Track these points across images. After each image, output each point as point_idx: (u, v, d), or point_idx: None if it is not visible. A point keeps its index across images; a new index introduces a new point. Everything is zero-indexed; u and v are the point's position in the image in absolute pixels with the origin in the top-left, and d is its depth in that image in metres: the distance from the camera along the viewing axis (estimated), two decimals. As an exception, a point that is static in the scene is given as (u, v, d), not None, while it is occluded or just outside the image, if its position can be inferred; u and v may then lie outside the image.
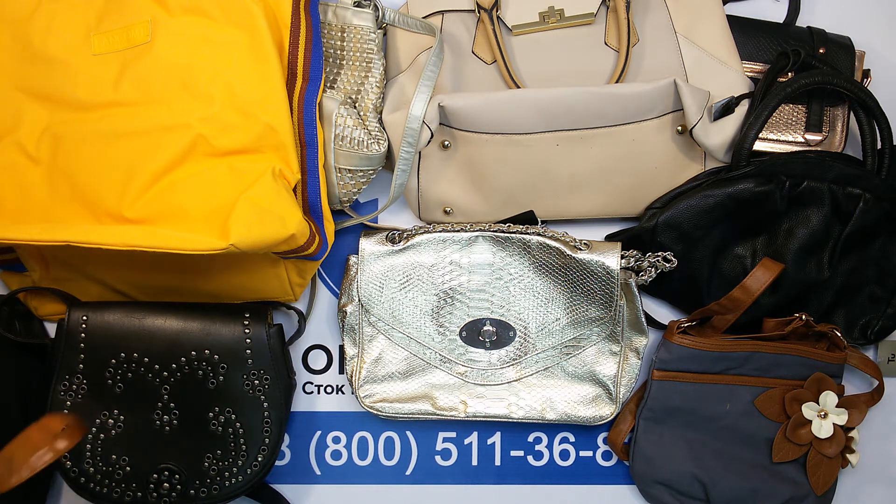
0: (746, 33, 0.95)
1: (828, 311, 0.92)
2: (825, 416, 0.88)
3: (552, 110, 0.85)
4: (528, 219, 0.91)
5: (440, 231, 0.90)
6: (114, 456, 0.85)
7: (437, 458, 0.95)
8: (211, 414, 0.86)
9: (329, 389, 0.96)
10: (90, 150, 0.82)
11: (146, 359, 0.85)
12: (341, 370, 0.96)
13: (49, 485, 0.93)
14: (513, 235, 0.89)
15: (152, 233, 0.78)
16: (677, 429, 0.90)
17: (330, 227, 0.88)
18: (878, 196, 0.87)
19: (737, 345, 0.88)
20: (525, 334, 0.90)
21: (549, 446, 0.95)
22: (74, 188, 0.85)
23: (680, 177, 0.91)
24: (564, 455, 0.95)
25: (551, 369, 0.91)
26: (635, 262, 0.90)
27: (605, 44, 0.93)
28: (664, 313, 0.96)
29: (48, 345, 0.89)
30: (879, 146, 0.90)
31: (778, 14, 0.99)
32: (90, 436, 0.85)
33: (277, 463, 0.95)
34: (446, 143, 0.89)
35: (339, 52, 0.90)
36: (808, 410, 0.88)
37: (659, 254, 0.89)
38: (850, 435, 0.89)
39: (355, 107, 0.89)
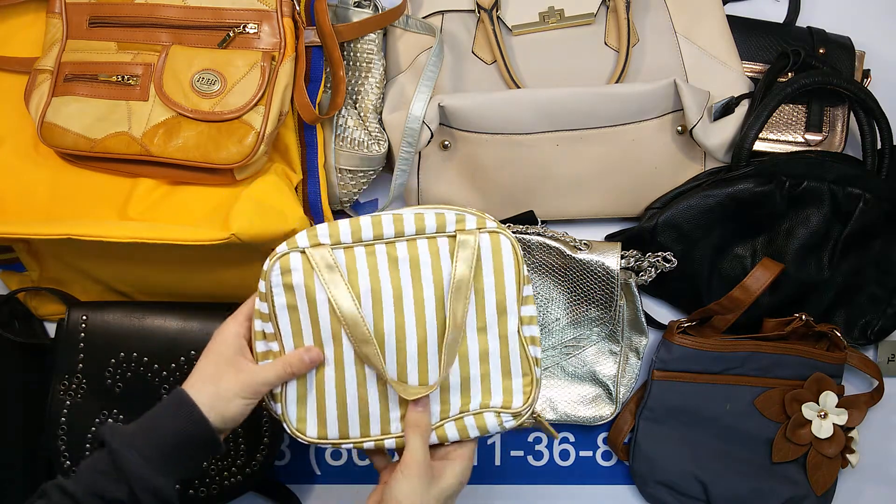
0: (746, 33, 0.95)
1: (828, 311, 0.92)
2: (825, 416, 0.88)
3: (552, 110, 0.85)
4: (528, 219, 0.91)
5: (440, 231, 0.90)
6: (113, 456, 0.85)
7: (437, 459, 0.95)
8: (211, 414, 0.86)
9: (329, 389, 0.96)
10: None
11: (146, 358, 0.85)
12: (341, 370, 0.96)
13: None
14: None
15: (154, 226, 0.78)
16: (677, 429, 0.90)
17: (330, 226, 0.88)
18: (878, 196, 0.87)
19: (737, 345, 0.88)
20: (525, 334, 0.90)
21: (549, 446, 0.95)
22: (79, 189, 0.85)
23: (680, 177, 0.91)
24: (564, 455, 0.95)
25: (551, 369, 0.91)
26: (635, 262, 0.90)
27: (605, 44, 0.93)
28: (664, 313, 0.96)
29: (48, 345, 0.89)
30: (879, 146, 0.90)
31: (778, 14, 0.99)
32: (89, 436, 0.85)
33: (277, 463, 0.94)
34: (446, 143, 0.89)
35: (339, 52, 0.90)
36: (808, 410, 0.88)
37: (659, 254, 0.89)
38: (850, 435, 0.89)
39: (355, 107, 0.89)
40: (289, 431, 0.69)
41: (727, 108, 0.89)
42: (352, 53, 0.90)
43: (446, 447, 0.71)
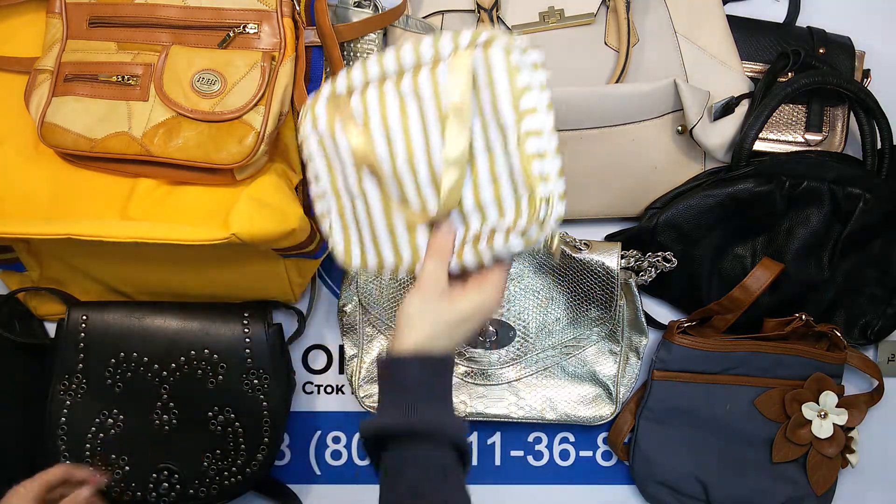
0: (746, 33, 0.95)
1: (828, 311, 0.92)
2: (825, 416, 0.88)
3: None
4: (528, 219, 0.91)
5: (440, 231, 0.90)
6: (113, 456, 0.85)
7: (437, 458, 0.95)
8: (210, 413, 0.86)
9: (329, 389, 0.96)
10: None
11: (145, 358, 0.85)
12: (341, 370, 0.96)
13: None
14: (513, 235, 0.89)
15: (154, 225, 0.78)
16: (677, 429, 0.90)
17: (330, 226, 0.88)
18: (878, 196, 0.87)
19: (737, 345, 0.88)
20: (525, 334, 0.90)
21: (549, 446, 0.95)
22: (79, 189, 0.85)
23: (680, 177, 0.91)
24: (564, 455, 0.95)
25: (551, 369, 0.91)
26: (635, 262, 0.90)
27: (605, 44, 0.93)
28: (664, 313, 0.96)
29: (48, 345, 0.89)
30: (879, 146, 0.90)
31: (778, 14, 0.99)
32: (89, 435, 0.85)
33: (277, 463, 0.94)
34: (446, 142, 0.89)
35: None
36: (808, 410, 0.88)
37: (659, 254, 0.89)
38: (850, 435, 0.89)
39: (355, 107, 0.89)
40: (339, 263, 0.73)
41: (727, 108, 0.89)
42: (352, 53, 0.90)
43: (473, 277, 0.68)
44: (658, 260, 0.89)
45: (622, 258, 0.89)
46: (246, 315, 0.87)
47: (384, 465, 0.62)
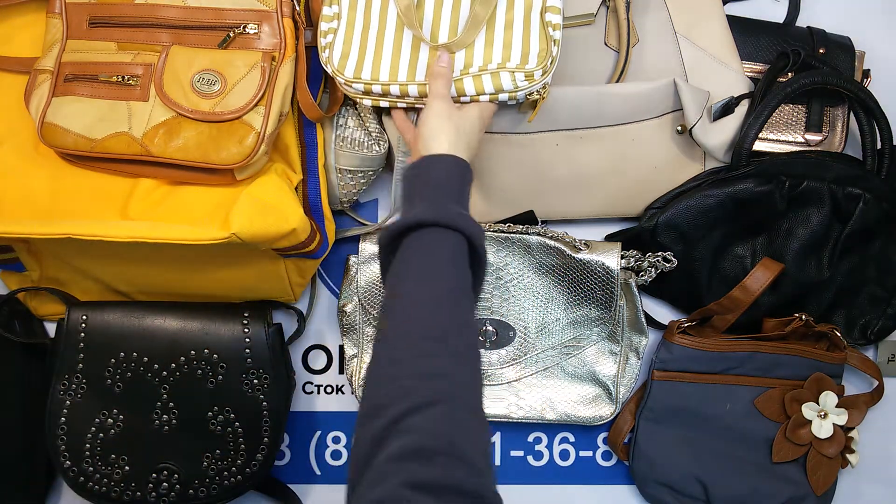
0: (746, 33, 0.95)
1: (828, 311, 0.92)
2: (825, 416, 0.88)
3: (552, 110, 0.85)
4: (528, 219, 0.91)
5: (440, 231, 0.90)
6: (113, 455, 0.85)
7: (437, 459, 0.95)
8: (210, 413, 0.86)
9: (329, 389, 0.96)
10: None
11: (145, 358, 0.85)
12: (341, 370, 0.96)
13: (49, 484, 0.93)
14: (513, 235, 0.89)
15: (155, 225, 0.78)
16: (677, 429, 0.90)
17: (330, 226, 0.88)
18: (878, 196, 0.87)
19: (737, 345, 0.88)
20: (525, 334, 0.90)
21: (549, 446, 0.95)
22: (79, 189, 0.85)
23: (680, 177, 0.91)
24: (564, 455, 0.95)
25: (551, 369, 0.91)
26: (635, 262, 0.90)
27: (605, 44, 0.93)
28: (664, 313, 0.96)
29: (48, 345, 0.89)
30: (879, 146, 0.90)
31: (778, 14, 0.99)
32: (89, 435, 0.85)
33: (277, 463, 0.94)
34: (446, 142, 0.89)
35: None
36: (808, 410, 0.88)
37: (659, 254, 0.89)
38: (850, 435, 0.89)
39: (355, 107, 0.89)
40: (330, 73, 0.81)
41: (727, 108, 0.89)
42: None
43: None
44: (658, 260, 0.89)
45: (622, 258, 0.89)
46: (246, 315, 0.87)
47: (401, 250, 0.65)
